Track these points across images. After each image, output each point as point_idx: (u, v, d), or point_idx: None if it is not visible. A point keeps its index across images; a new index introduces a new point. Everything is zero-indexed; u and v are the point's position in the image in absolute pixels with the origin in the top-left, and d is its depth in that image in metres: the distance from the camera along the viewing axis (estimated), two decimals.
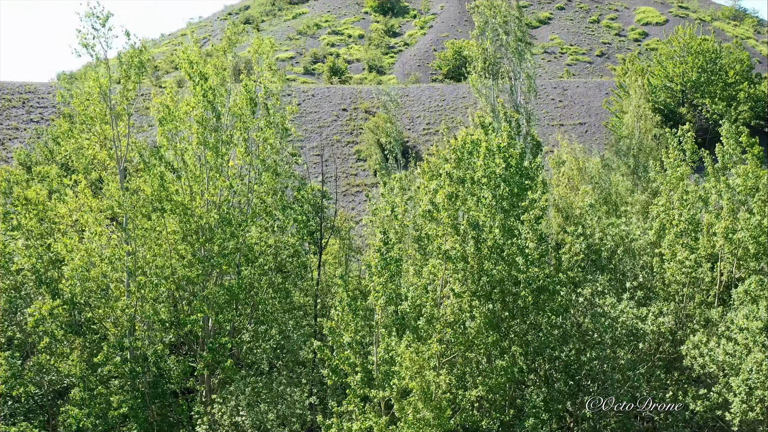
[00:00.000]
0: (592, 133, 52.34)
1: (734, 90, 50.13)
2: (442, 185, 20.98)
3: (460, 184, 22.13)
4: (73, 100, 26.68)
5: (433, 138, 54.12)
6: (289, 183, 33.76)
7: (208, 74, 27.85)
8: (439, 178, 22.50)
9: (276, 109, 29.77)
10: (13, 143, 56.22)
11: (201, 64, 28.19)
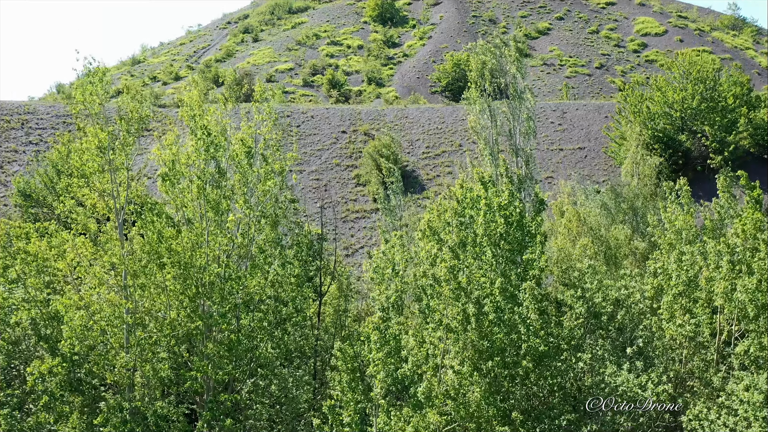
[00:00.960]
0: (592, 158, 52.33)
1: (734, 116, 50.12)
2: (444, 258, 20.95)
3: (462, 250, 22.15)
4: (72, 156, 26.50)
5: (432, 162, 54.13)
6: (289, 225, 33.77)
7: (209, 127, 27.65)
8: (438, 242, 22.48)
9: (276, 158, 29.65)
10: (12, 166, 56.17)
11: (201, 114, 28.04)
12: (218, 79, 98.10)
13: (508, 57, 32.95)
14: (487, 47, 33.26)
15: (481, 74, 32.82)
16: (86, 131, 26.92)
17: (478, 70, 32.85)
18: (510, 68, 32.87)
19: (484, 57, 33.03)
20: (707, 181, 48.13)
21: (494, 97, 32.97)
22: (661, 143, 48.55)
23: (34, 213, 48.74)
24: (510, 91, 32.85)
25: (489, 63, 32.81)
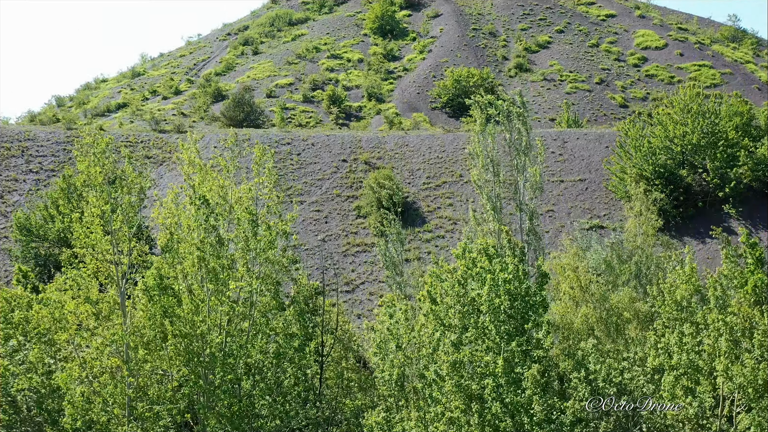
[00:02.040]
0: (593, 191, 52.33)
1: (734, 150, 50.07)
2: (447, 351, 20.96)
3: (464, 332, 22.16)
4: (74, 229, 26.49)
5: (433, 193, 54.11)
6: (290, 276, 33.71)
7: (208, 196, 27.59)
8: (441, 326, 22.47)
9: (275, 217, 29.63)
10: (12, 196, 56.14)
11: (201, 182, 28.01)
12: (219, 93, 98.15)
13: (514, 112, 32.89)
14: (491, 99, 33.16)
15: (484, 128, 32.76)
16: (89, 200, 26.83)
17: (482, 123, 32.80)
18: (515, 123, 32.80)
19: (490, 111, 32.98)
20: (708, 216, 48.28)
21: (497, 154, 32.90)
22: (662, 179, 48.52)
23: (35, 247, 48.76)
24: (516, 145, 32.78)
25: (492, 118, 32.76)
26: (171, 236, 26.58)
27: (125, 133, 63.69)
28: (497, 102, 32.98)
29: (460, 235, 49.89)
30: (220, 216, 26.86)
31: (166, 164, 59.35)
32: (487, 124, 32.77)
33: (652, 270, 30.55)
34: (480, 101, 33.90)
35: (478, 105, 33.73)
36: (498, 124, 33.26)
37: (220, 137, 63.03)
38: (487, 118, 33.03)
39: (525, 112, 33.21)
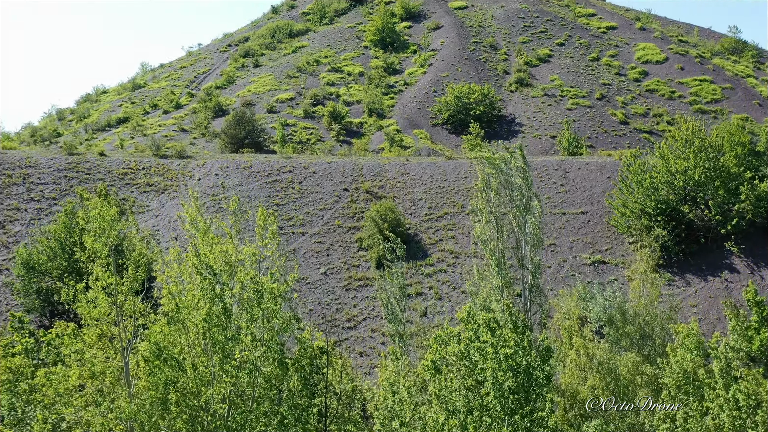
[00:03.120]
0: (594, 224, 52.33)
1: (736, 182, 50.05)
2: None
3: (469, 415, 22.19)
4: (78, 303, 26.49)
5: (435, 224, 54.12)
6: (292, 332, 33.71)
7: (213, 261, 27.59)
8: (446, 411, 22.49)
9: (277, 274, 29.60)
10: (13, 226, 56.13)
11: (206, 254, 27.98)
12: (220, 108, 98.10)
13: (514, 168, 32.93)
14: (493, 159, 33.20)
15: (486, 184, 32.81)
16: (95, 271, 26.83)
17: (484, 180, 32.84)
18: (516, 179, 32.85)
19: (490, 170, 33.02)
20: (711, 253, 48.32)
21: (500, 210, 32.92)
22: (664, 215, 48.57)
23: (37, 281, 48.74)
24: (517, 202, 32.82)
25: (495, 175, 32.80)
26: (177, 308, 26.48)
27: (126, 159, 63.68)
28: (497, 160, 32.94)
29: (462, 270, 49.98)
30: (226, 287, 26.78)
31: (167, 192, 59.35)
32: (488, 182, 32.76)
33: (657, 331, 30.59)
34: (482, 156, 33.91)
35: (481, 162, 33.76)
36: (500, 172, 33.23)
37: (222, 164, 63.02)
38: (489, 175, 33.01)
39: (526, 167, 33.20)
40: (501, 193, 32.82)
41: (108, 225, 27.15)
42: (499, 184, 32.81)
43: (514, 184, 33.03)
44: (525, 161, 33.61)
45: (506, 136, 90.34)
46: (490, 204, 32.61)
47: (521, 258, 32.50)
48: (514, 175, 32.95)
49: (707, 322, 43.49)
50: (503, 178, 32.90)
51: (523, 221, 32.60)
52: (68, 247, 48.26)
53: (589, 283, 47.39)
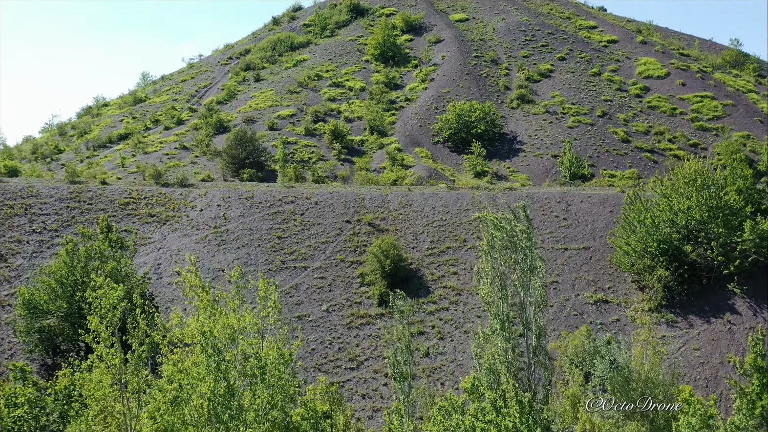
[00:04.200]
0: (597, 260, 52.33)
1: (738, 219, 50.03)
2: None
3: None
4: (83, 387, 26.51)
5: (437, 259, 54.11)
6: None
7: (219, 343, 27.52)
8: None
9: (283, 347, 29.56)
10: (15, 259, 56.12)
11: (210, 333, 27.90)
12: (221, 124, 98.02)
13: (518, 230, 32.92)
14: (497, 221, 33.19)
15: (491, 247, 32.80)
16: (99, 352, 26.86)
17: (489, 243, 32.85)
18: (521, 241, 32.84)
19: (495, 232, 33.02)
20: (713, 293, 48.30)
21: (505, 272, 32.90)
22: (667, 255, 48.58)
23: (38, 319, 48.73)
24: (521, 263, 32.82)
25: (499, 237, 32.79)
26: (180, 388, 26.47)
27: (128, 188, 63.65)
28: (501, 222, 32.92)
29: (465, 308, 50.01)
30: (231, 363, 26.77)
31: (169, 223, 59.33)
32: (493, 244, 32.76)
33: (660, 397, 30.62)
34: (486, 218, 33.91)
35: (485, 226, 33.76)
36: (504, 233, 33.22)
37: (223, 193, 62.99)
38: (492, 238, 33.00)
39: (529, 229, 33.19)
40: (505, 255, 32.79)
41: (113, 304, 27.09)
42: (503, 246, 32.78)
43: (518, 245, 33.00)
44: (529, 222, 33.58)
45: (508, 155, 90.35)
46: (494, 266, 32.60)
47: (525, 320, 32.52)
48: (518, 236, 32.92)
49: (710, 366, 43.54)
50: (507, 240, 32.88)
51: (527, 283, 32.59)
52: (69, 287, 48.36)
53: (591, 323, 47.47)
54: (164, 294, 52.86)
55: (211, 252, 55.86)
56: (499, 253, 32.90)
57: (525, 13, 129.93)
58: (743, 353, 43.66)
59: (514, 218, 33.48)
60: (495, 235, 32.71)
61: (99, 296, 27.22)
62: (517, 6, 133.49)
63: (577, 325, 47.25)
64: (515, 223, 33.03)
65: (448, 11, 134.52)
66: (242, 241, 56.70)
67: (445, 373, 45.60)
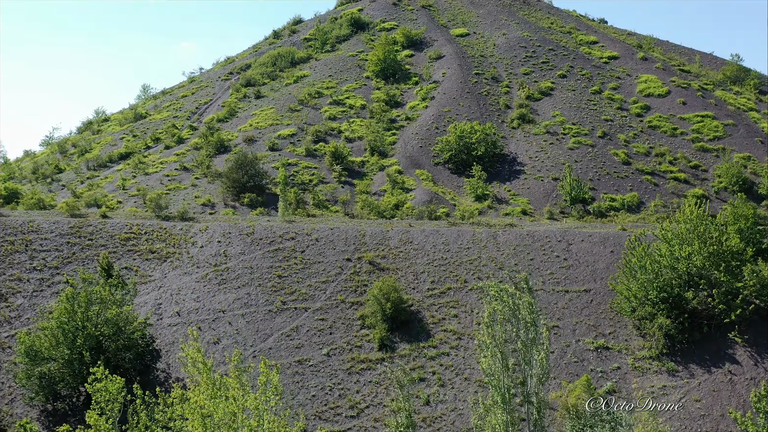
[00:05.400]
0: (597, 304, 52.34)
1: (739, 262, 49.97)
2: None
3: None
4: None
5: (437, 301, 54.14)
6: None
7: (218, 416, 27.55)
8: None
9: None
10: (16, 298, 56.16)
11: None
12: (222, 144, 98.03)
13: (521, 302, 32.90)
14: (499, 292, 33.17)
15: (492, 320, 32.80)
16: None
17: (490, 315, 32.85)
18: (523, 314, 32.83)
19: (497, 305, 33.01)
20: (714, 341, 48.30)
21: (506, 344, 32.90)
22: (667, 302, 48.60)
23: (39, 363, 48.70)
24: (522, 337, 32.82)
25: (501, 310, 32.78)
26: None
27: (129, 223, 63.64)
28: (504, 296, 32.89)
29: (466, 353, 50.01)
30: None
31: (170, 261, 59.35)
32: (494, 317, 32.75)
33: None
34: (488, 287, 33.88)
35: (487, 297, 33.75)
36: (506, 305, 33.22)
37: (224, 228, 63.00)
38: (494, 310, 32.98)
39: (533, 301, 33.16)
40: (507, 327, 32.80)
41: (113, 396, 27.11)
42: (504, 319, 32.78)
43: (521, 318, 33.00)
44: (531, 294, 33.55)
45: (508, 177, 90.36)
46: (495, 338, 32.60)
47: (526, 393, 32.53)
48: (520, 309, 32.92)
49: (711, 419, 43.57)
50: (509, 312, 32.88)
51: (529, 357, 32.60)
52: (71, 333, 48.36)
53: (591, 371, 47.52)
54: (165, 336, 52.90)
55: (211, 292, 55.88)
56: (501, 325, 32.90)
57: (526, 27, 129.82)
58: (744, 406, 43.74)
59: (516, 289, 33.46)
60: (497, 307, 32.71)
61: (99, 389, 27.21)
62: (518, 20, 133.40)
63: (577, 373, 47.29)
64: (519, 295, 33.01)
65: (448, 25, 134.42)
66: (243, 280, 56.72)
67: (446, 423, 45.66)
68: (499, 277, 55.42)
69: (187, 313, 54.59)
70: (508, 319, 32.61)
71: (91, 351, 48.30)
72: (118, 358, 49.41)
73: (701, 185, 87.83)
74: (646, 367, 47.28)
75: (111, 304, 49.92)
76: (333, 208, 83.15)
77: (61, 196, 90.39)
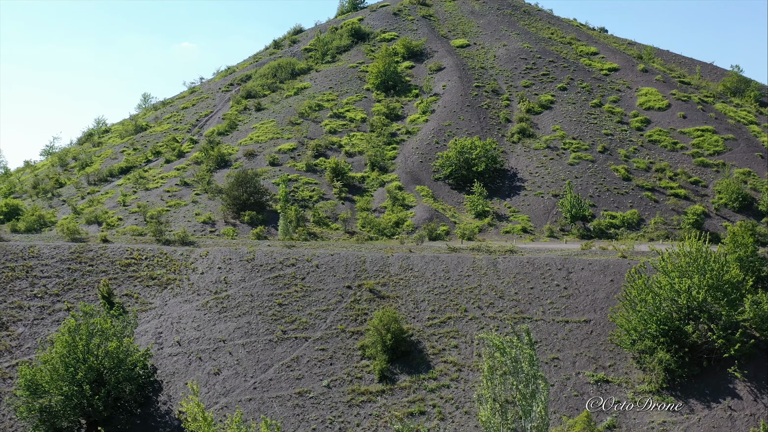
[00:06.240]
0: (597, 335, 52.43)
1: (738, 293, 49.99)
2: None
3: None
4: None
5: (438, 331, 54.23)
6: None
7: None
8: None
9: None
10: (17, 327, 56.30)
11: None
12: (222, 158, 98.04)
13: (521, 355, 32.97)
14: (500, 346, 33.23)
15: (492, 373, 32.88)
16: None
17: (490, 369, 32.92)
18: (524, 367, 32.89)
19: (498, 356, 33.07)
20: (714, 376, 48.37)
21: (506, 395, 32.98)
22: (667, 336, 48.66)
23: (39, 399, 48.79)
24: (522, 389, 32.86)
25: (501, 362, 32.84)
26: None
27: (129, 248, 63.73)
28: (505, 348, 32.95)
29: (466, 386, 50.09)
30: None
31: (170, 287, 59.45)
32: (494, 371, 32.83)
33: None
34: (489, 339, 33.97)
35: (486, 349, 33.80)
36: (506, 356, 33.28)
37: (224, 253, 63.08)
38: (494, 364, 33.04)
39: (533, 353, 33.20)
40: (506, 379, 32.88)
41: None
42: (504, 372, 32.86)
43: (521, 370, 33.06)
44: (532, 346, 33.59)
45: (509, 193, 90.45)
46: (494, 391, 32.68)
47: None
48: (520, 361, 32.98)
49: None
50: (510, 364, 32.94)
51: (528, 409, 32.69)
52: (71, 366, 48.44)
53: (592, 406, 47.61)
54: (165, 366, 53.02)
55: (212, 320, 55.98)
56: (500, 378, 32.98)
57: (526, 38, 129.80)
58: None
59: (517, 340, 33.51)
60: (498, 359, 32.76)
61: None
62: (518, 31, 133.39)
63: (577, 407, 47.38)
64: (520, 347, 33.06)
65: (449, 36, 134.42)
66: (243, 308, 56.83)
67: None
68: (500, 307, 55.52)
69: (188, 342, 54.67)
70: (509, 372, 32.68)
71: (92, 384, 48.45)
72: (118, 390, 49.54)
73: (701, 201, 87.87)
74: (646, 402, 47.37)
75: (112, 336, 50.05)
76: (333, 225, 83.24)
77: (61, 212, 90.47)
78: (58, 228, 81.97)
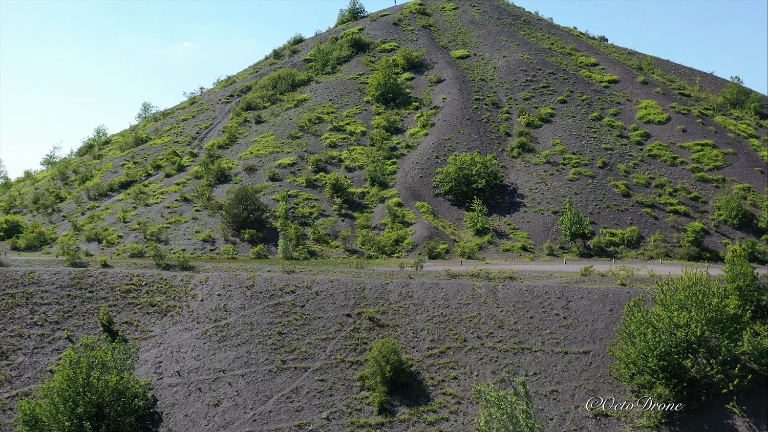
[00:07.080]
0: (596, 367, 52.47)
1: (737, 326, 50.04)
2: None
3: None
4: None
5: (437, 361, 54.31)
6: None
7: None
8: None
9: None
10: (17, 356, 56.42)
11: None
12: (222, 173, 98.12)
13: (518, 410, 33.09)
14: (497, 400, 33.36)
15: (489, 425, 32.98)
16: None
17: (486, 420, 33.04)
18: (519, 420, 33.02)
19: (495, 412, 33.20)
20: (713, 411, 48.41)
21: None
22: (666, 371, 48.70)
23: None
24: None
25: (498, 417, 32.97)
26: None
27: (129, 274, 63.85)
28: (502, 403, 33.07)
29: (465, 419, 50.17)
30: None
31: (170, 315, 59.57)
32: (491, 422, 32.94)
33: None
34: (486, 392, 34.08)
35: (484, 401, 33.96)
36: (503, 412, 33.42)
37: (224, 279, 63.18)
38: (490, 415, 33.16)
39: (529, 409, 33.33)
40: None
41: None
42: (500, 425, 32.97)
43: (517, 423, 33.19)
44: (528, 400, 33.72)
45: (508, 210, 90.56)
46: None
47: None
48: (518, 416, 33.11)
49: None
50: (506, 419, 33.07)
51: None
52: (71, 401, 48.55)
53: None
54: (165, 397, 53.12)
55: (212, 349, 56.10)
56: (497, 429, 33.10)
57: (526, 49, 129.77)
58: None
59: (513, 394, 33.61)
60: (494, 415, 32.89)
61: None
62: (518, 41, 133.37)
63: None
64: (516, 402, 33.18)
65: (449, 46, 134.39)
66: (243, 336, 56.95)
67: None
68: (499, 337, 55.57)
69: (188, 372, 54.78)
70: (505, 426, 32.78)
71: (92, 418, 48.58)
72: (118, 422, 49.65)
73: (701, 218, 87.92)
74: None
75: (113, 369, 50.19)
76: (333, 243, 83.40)
77: (62, 228, 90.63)
78: (58, 246, 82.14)
